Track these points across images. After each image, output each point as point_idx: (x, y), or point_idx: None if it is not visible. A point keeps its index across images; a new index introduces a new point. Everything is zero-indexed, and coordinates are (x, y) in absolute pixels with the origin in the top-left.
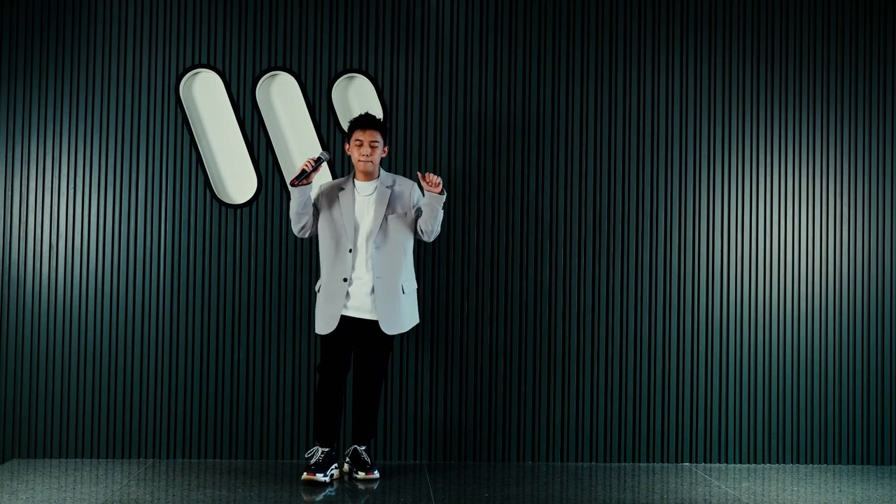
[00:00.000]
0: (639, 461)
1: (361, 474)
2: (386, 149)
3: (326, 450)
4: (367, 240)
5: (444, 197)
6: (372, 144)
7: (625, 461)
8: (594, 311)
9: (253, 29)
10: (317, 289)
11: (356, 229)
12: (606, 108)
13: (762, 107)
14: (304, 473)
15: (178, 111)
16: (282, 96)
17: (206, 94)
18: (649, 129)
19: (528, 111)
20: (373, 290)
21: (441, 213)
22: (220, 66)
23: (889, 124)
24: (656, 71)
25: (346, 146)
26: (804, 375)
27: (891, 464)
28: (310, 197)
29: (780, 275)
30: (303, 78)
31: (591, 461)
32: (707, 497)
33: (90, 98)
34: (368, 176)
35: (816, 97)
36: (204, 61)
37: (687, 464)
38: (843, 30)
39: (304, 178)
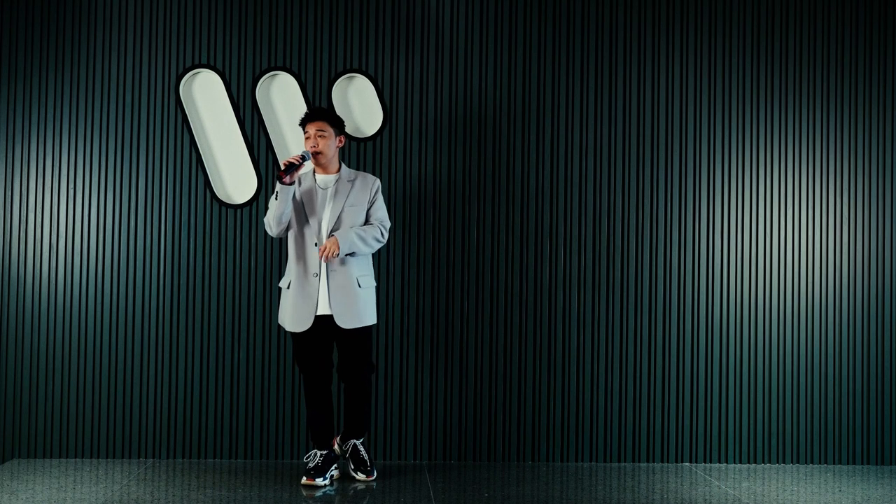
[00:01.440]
0: (639, 461)
1: (361, 476)
2: (341, 138)
3: (325, 452)
4: (326, 234)
5: (345, 249)
6: (319, 134)
7: (625, 461)
8: (594, 311)
9: (253, 29)
10: (285, 285)
11: (319, 224)
12: (606, 108)
13: (762, 107)
14: (304, 478)
15: (178, 111)
16: (282, 96)
17: (206, 94)
18: (649, 129)
19: (529, 111)
20: (328, 286)
21: (364, 250)
22: (220, 66)
23: (889, 124)
24: (656, 71)
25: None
26: (804, 375)
27: (891, 464)
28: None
29: (780, 275)
30: (303, 78)
31: (591, 461)
32: (707, 497)
33: (90, 98)
34: (324, 169)
35: (816, 97)
36: (204, 61)
37: (687, 464)
38: (843, 30)
39: (292, 171)
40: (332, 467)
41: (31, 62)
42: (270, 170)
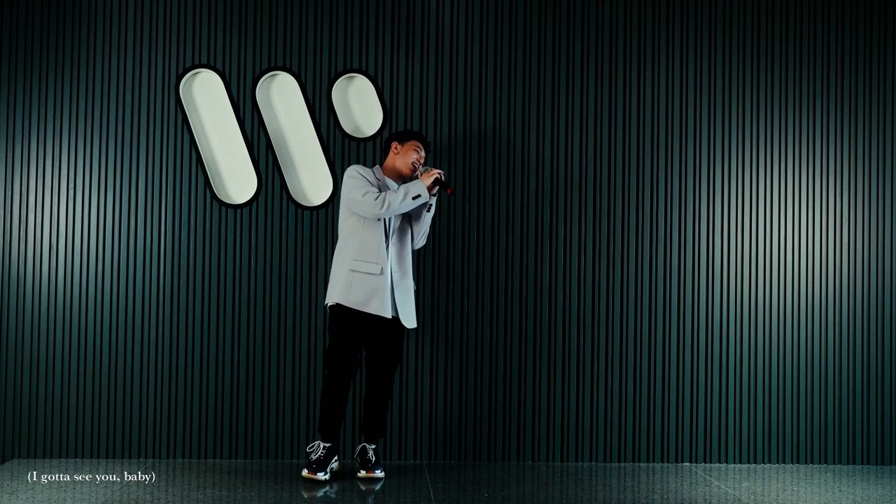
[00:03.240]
0: (639, 461)
1: (363, 472)
2: None
3: (329, 444)
4: (392, 236)
5: (432, 199)
6: (421, 158)
7: (625, 461)
8: (594, 311)
9: (253, 29)
10: (375, 270)
11: (388, 227)
12: (606, 109)
13: (762, 107)
14: (305, 471)
15: (178, 111)
16: (282, 96)
17: (206, 94)
18: (649, 129)
19: (528, 111)
20: (392, 287)
21: (428, 219)
22: (220, 66)
23: (889, 124)
24: (656, 71)
25: (395, 146)
26: (804, 375)
27: (891, 464)
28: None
29: (780, 275)
30: (303, 78)
31: (591, 461)
32: (707, 497)
33: (90, 98)
34: (399, 180)
35: (816, 97)
36: (204, 61)
37: (687, 464)
38: (843, 30)
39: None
40: (333, 459)
41: (31, 62)
42: (270, 170)
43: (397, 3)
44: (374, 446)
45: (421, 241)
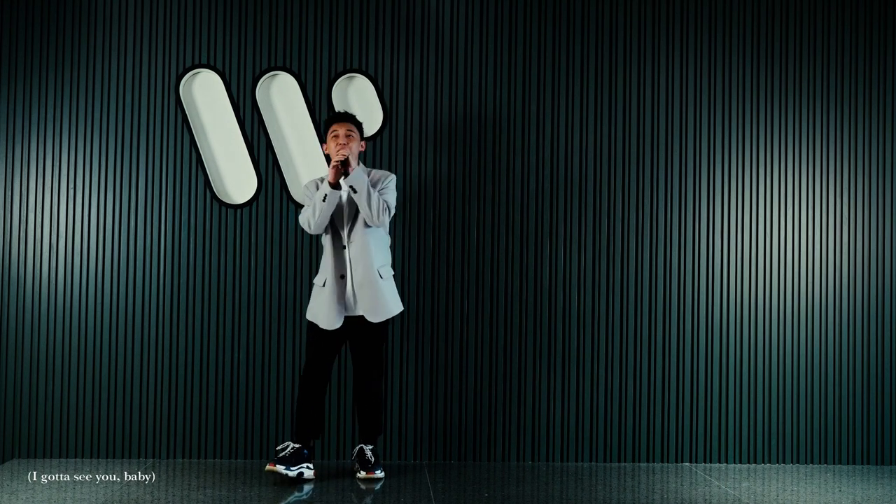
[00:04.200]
0: (639, 461)
1: (363, 473)
2: (363, 143)
3: (297, 446)
4: (348, 234)
5: (351, 177)
6: (348, 134)
7: (625, 461)
8: (594, 311)
9: (253, 29)
10: (320, 283)
11: (343, 224)
12: (606, 108)
13: (762, 107)
14: (268, 464)
15: (178, 111)
16: (282, 96)
17: (206, 94)
18: (649, 129)
19: (529, 111)
20: (353, 284)
21: (364, 194)
22: (220, 66)
23: (889, 124)
24: (656, 71)
25: (324, 147)
26: (804, 375)
27: (891, 464)
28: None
29: (780, 275)
30: (303, 78)
31: (591, 461)
32: (707, 497)
33: (90, 98)
34: (350, 168)
35: (816, 97)
36: (204, 61)
37: (687, 464)
38: (843, 30)
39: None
40: (303, 465)
41: (31, 62)
42: (270, 170)
43: (397, 3)
44: (371, 446)
45: (378, 218)
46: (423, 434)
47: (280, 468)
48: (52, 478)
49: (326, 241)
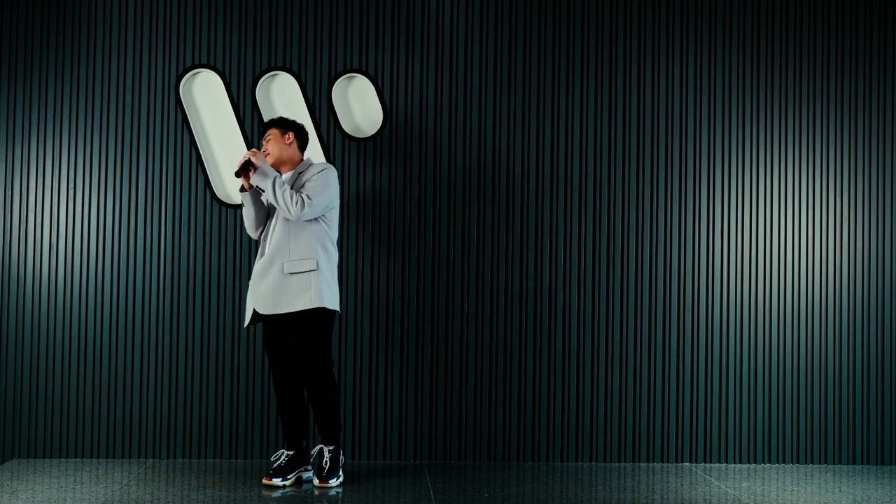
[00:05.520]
0: (639, 461)
1: (316, 481)
2: (289, 135)
3: (291, 453)
4: (273, 230)
5: (254, 178)
6: (266, 139)
7: (625, 461)
8: (594, 311)
9: (253, 29)
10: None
11: (270, 220)
12: (606, 108)
13: (762, 107)
14: (264, 478)
15: (178, 111)
16: (282, 96)
17: (206, 94)
18: (649, 129)
19: (529, 111)
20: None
21: (270, 192)
22: (220, 66)
23: (889, 124)
24: (656, 71)
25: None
26: (804, 375)
27: (891, 464)
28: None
29: (780, 275)
30: (303, 78)
31: (591, 461)
32: (707, 497)
33: (90, 98)
34: (281, 170)
35: (816, 97)
36: (204, 61)
37: (687, 464)
38: (843, 30)
39: (244, 173)
40: (301, 469)
41: (31, 62)
42: None
43: (397, 3)
44: (330, 447)
45: (289, 211)
46: (423, 434)
47: (276, 481)
48: (52, 478)
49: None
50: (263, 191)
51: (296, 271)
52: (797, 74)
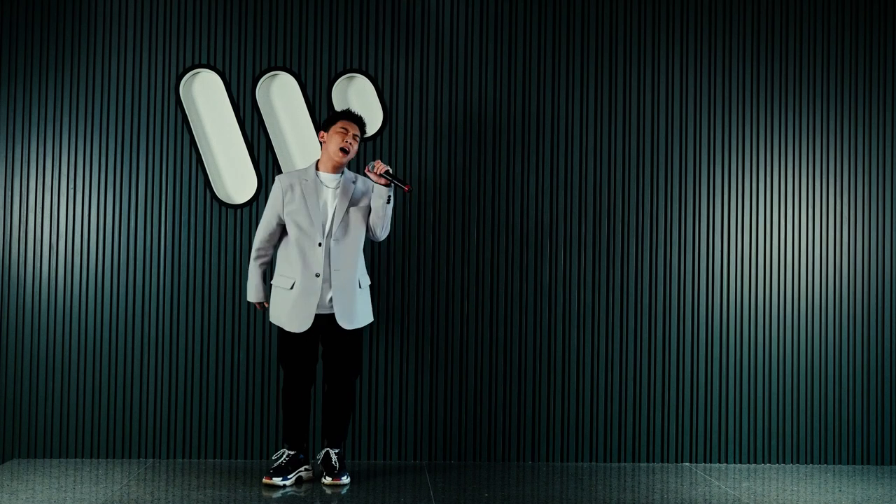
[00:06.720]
0: (639, 461)
1: (328, 479)
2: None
3: (293, 453)
4: (329, 233)
5: (389, 191)
6: (355, 136)
7: (625, 461)
8: (594, 311)
9: (253, 29)
10: (285, 285)
11: (324, 221)
12: (606, 109)
13: (762, 107)
14: (265, 477)
15: (178, 111)
16: (282, 96)
17: (206, 94)
18: (649, 129)
19: (528, 111)
20: (331, 285)
21: (389, 210)
22: (220, 66)
23: (889, 124)
24: (656, 71)
25: (322, 135)
26: (804, 375)
27: (891, 464)
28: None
29: (780, 275)
30: (303, 78)
31: (591, 461)
32: (707, 497)
33: (90, 98)
34: (335, 168)
35: (816, 97)
36: (204, 61)
37: (687, 464)
38: (843, 30)
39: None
40: (301, 468)
41: (31, 62)
42: (270, 170)
43: (397, 3)
44: (336, 451)
45: (384, 233)
46: (423, 434)
47: (277, 480)
48: (52, 478)
49: (294, 240)
50: (390, 199)
51: (366, 286)
52: (797, 75)
